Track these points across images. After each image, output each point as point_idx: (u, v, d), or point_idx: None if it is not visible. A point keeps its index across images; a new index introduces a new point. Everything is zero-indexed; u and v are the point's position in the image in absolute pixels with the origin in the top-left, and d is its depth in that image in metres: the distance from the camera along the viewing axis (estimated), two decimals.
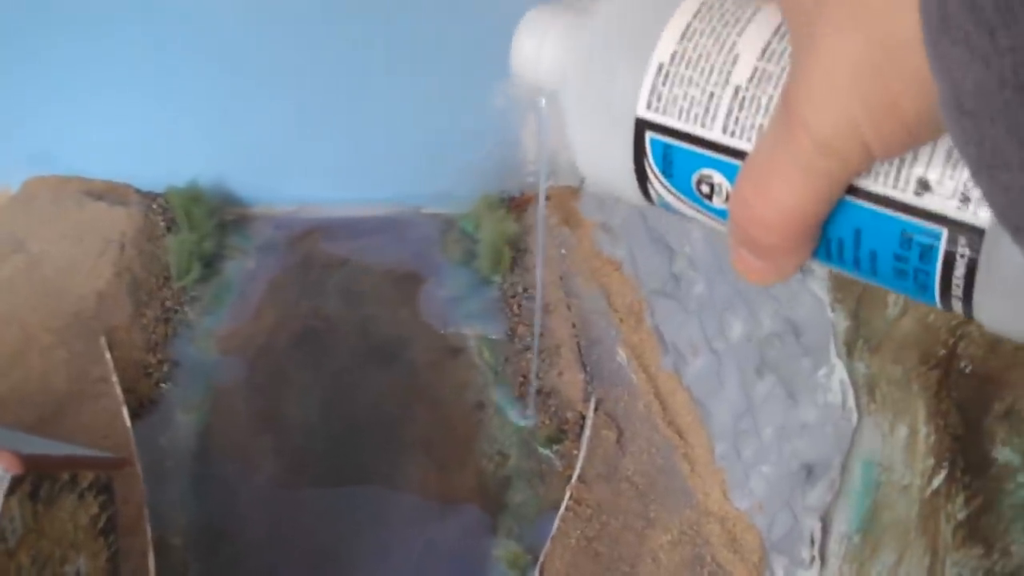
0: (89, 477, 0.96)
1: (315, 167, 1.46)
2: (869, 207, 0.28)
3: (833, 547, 0.99)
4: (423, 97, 1.36)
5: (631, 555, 1.10)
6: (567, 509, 1.14)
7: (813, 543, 0.99)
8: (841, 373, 0.98)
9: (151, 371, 1.27)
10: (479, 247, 1.42)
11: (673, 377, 1.21)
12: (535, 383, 1.26)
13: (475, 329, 1.36)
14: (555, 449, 1.23)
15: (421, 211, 1.51)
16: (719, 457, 1.13)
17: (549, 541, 1.12)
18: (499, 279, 1.41)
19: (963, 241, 0.27)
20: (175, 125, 1.35)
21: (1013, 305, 0.27)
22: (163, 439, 1.22)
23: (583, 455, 1.18)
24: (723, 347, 1.14)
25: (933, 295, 0.29)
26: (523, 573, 1.13)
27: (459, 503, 1.20)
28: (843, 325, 0.98)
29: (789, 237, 0.29)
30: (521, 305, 1.38)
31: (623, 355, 1.24)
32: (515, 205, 1.46)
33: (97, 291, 1.27)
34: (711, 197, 0.33)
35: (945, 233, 0.27)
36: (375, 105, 1.37)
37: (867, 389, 0.97)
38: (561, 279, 1.36)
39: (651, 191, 0.36)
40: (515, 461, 1.23)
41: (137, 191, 1.41)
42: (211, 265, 1.39)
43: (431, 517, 1.19)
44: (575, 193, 1.44)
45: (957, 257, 0.27)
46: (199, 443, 1.23)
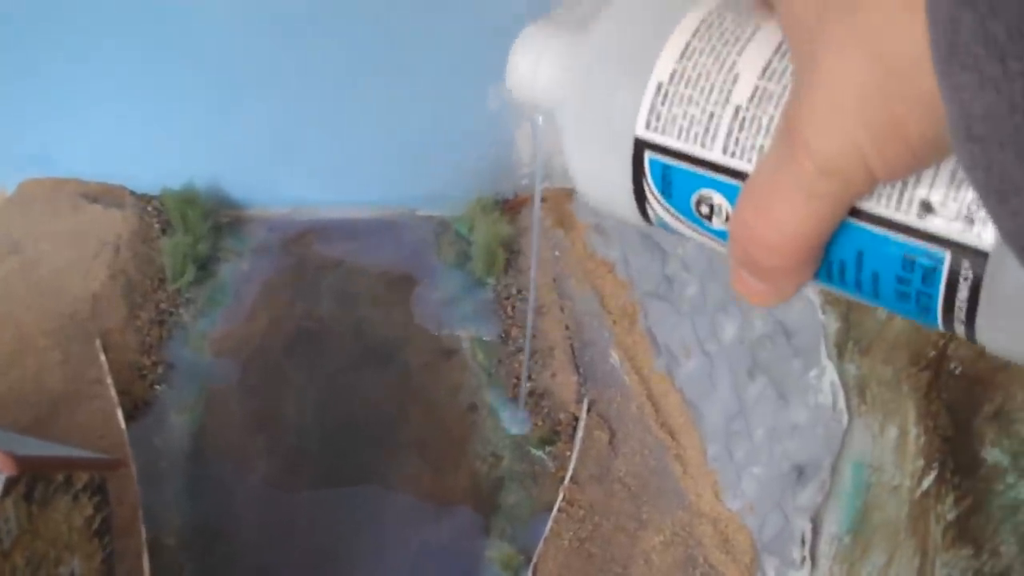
0: (84, 478, 0.97)
1: (309, 170, 1.46)
2: (871, 229, 0.28)
3: (824, 548, 1.00)
4: (417, 100, 1.37)
5: (624, 556, 1.11)
6: (560, 510, 1.15)
7: (804, 544, 1.00)
8: (832, 374, 0.98)
9: (145, 373, 1.27)
10: (473, 249, 1.43)
11: (666, 379, 1.22)
12: (526, 387, 1.26)
13: (469, 331, 1.37)
14: (548, 450, 1.23)
15: (415, 213, 1.51)
16: (711, 458, 1.14)
17: (542, 542, 1.12)
18: (493, 281, 1.41)
19: (967, 264, 0.26)
20: (170, 128, 1.35)
21: (1017, 328, 0.27)
22: (157, 440, 1.22)
23: (576, 456, 1.19)
24: (715, 349, 1.14)
25: (935, 318, 0.28)
26: (516, 574, 1.13)
27: (453, 504, 1.20)
28: (834, 327, 0.98)
29: (791, 259, 0.28)
30: (515, 307, 1.38)
31: (616, 357, 1.25)
32: (509, 207, 1.47)
33: (92, 293, 1.27)
34: (711, 218, 0.32)
35: (948, 256, 0.27)
36: (369, 108, 1.37)
37: (858, 390, 0.98)
38: (555, 281, 1.37)
39: (649, 211, 0.35)
40: (508, 462, 1.23)
41: (132, 193, 1.41)
42: (206, 267, 1.39)
43: (425, 518, 1.19)
44: (569, 195, 1.45)
45: (960, 280, 0.27)
46: (193, 444, 1.23)
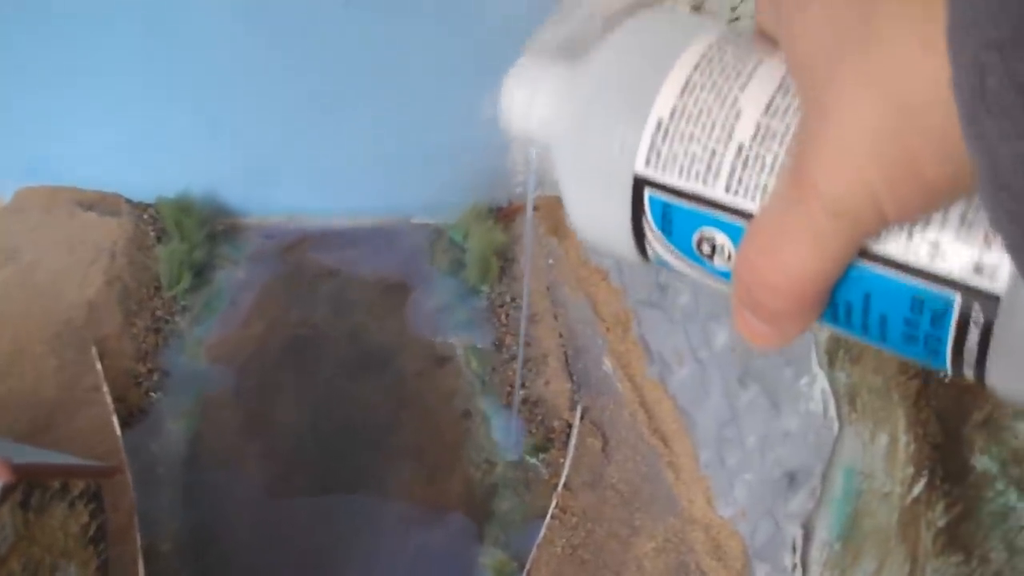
0: (80, 485, 0.97)
1: (305, 178, 1.46)
2: (879, 271, 0.27)
3: (815, 554, 1.00)
4: (412, 109, 1.37)
5: (616, 562, 1.11)
6: (553, 517, 1.15)
7: (795, 550, 1.00)
8: (823, 382, 0.99)
9: (141, 380, 1.28)
10: (467, 257, 1.43)
11: (658, 386, 1.22)
12: (519, 396, 1.27)
13: (463, 338, 1.37)
14: (541, 457, 1.24)
15: (410, 221, 1.51)
16: (703, 465, 1.14)
17: (535, 548, 1.13)
18: (487, 289, 1.42)
19: (977, 307, 0.26)
20: (166, 137, 1.36)
21: None
22: (153, 447, 1.22)
23: (569, 463, 1.19)
24: (707, 356, 1.15)
25: (944, 361, 0.28)
26: None
27: (447, 511, 1.21)
28: (825, 335, 0.99)
29: (797, 302, 0.28)
30: (509, 315, 1.39)
31: (609, 364, 1.25)
32: (503, 215, 1.48)
33: (88, 300, 1.28)
34: (712, 257, 0.32)
35: (958, 299, 0.26)
36: (364, 117, 1.38)
37: (848, 398, 0.98)
38: (548, 289, 1.37)
39: (648, 250, 0.34)
40: (502, 469, 1.24)
41: (128, 201, 1.42)
42: (201, 274, 1.40)
43: (419, 524, 1.20)
44: (562, 204, 1.45)
45: (971, 323, 0.26)
46: (189, 451, 1.23)
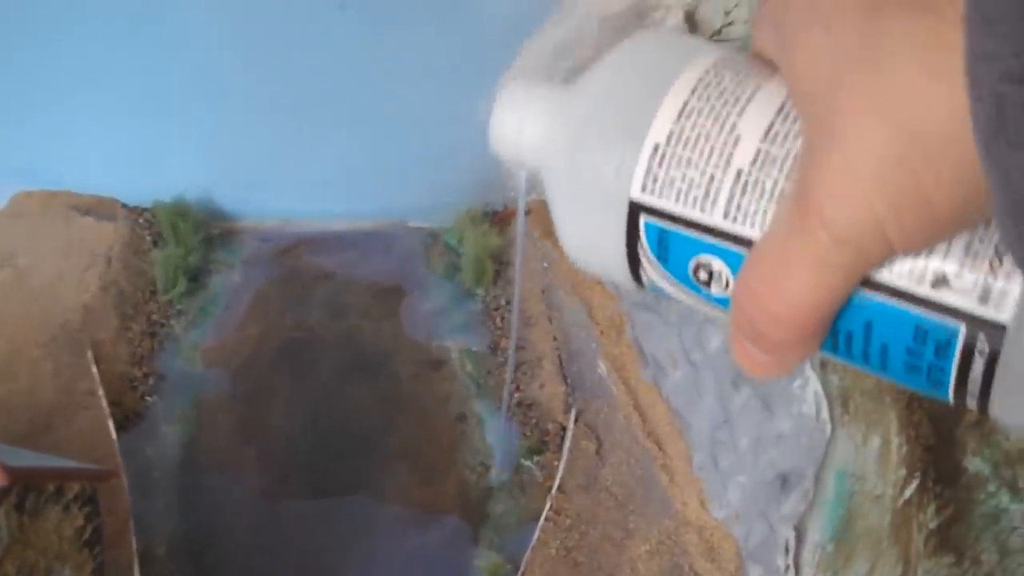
0: (75, 489, 0.98)
1: (301, 182, 1.47)
2: (881, 300, 0.27)
3: (807, 556, 1.01)
4: (408, 113, 1.38)
5: (610, 565, 1.12)
6: (547, 519, 1.16)
7: (788, 552, 1.01)
8: (815, 385, 0.99)
9: (137, 384, 1.28)
10: (463, 260, 1.44)
11: (652, 389, 1.22)
12: (508, 397, 1.27)
13: (458, 342, 1.38)
14: (536, 460, 1.24)
15: (406, 224, 1.52)
16: (697, 467, 1.15)
17: (529, 551, 1.13)
18: (482, 292, 1.43)
19: (983, 337, 0.26)
20: (161, 140, 1.36)
21: None
22: (149, 451, 1.23)
23: (563, 466, 1.20)
24: (701, 359, 1.15)
25: (947, 391, 0.28)
26: None
27: (441, 513, 1.21)
28: None
29: (798, 331, 0.28)
30: (504, 318, 1.39)
31: (603, 367, 1.26)
32: (498, 219, 1.48)
33: (84, 304, 1.28)
34: (709, 284, 0.31)
35: (963, 329, 0.26)
36: (360, 120, 1.38)
37: (841, 400, 0.99)
38: (543, 292, 1.38)
39: (643, 276, 0.34)
40: (496, 472, 1.24)
41: (124, 206, 1.42)
42: (197, 279, 1.40)
43: (414, 527, 1.20)
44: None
45: (976, 354, 0.26)
46: (184, 455, 1.24)
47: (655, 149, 0.31)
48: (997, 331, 0.25)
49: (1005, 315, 0.25)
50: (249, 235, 1.49)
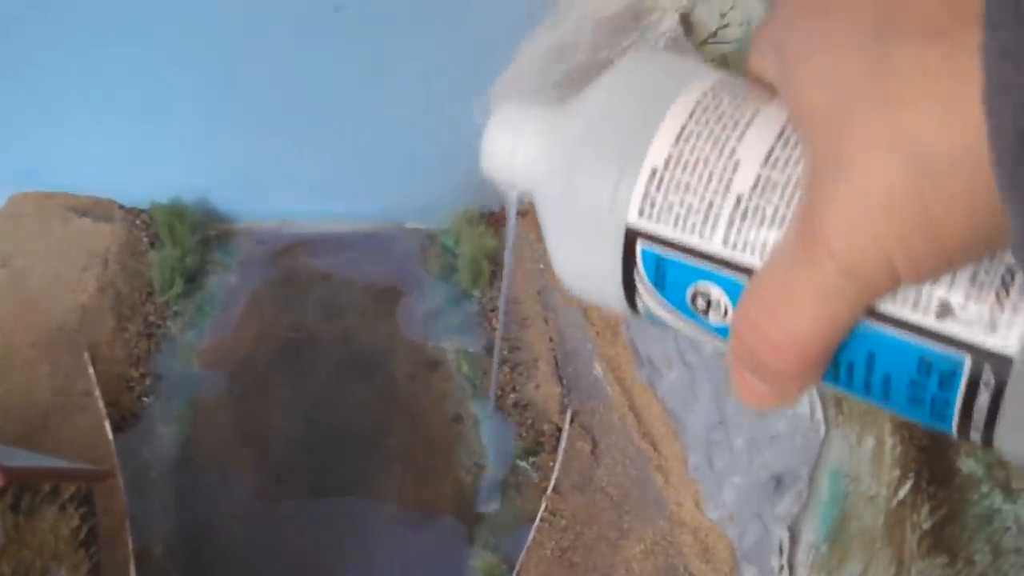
0: (70, 489, 0.98)
1: (298, 183, 1.47)
2: (884, 330, 0.27)
3: (801, 556, 1.01)
4: (404, 114, 1.38)
5: (605, 565, 1.12)
6: (542, 520, 1.16)
7: (782, 552, 1.01)
8: None
9: (133, 385, 1.28)
10: (459, 262, 1.44)
11: (648, 390, 1.23)
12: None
13: (454, 343, 1.38)
14: (531, 461, 1.25)
15: (403, 226, 1.52)
16: (692, 468, 1.15)
17: (524, 551, 1.13)
18: (478, 293, 1.43)
19: (988, 369, 0.25)
20: (159, 142, 1.36)
21: None
22: (145, 452, 1.23)
23: (558, 467, 1.20)
24: (696, 360, 1.16)
25: (950, 424, 0.27)
26: None
27: (437, 514, 1.22)
28: None
29: (800, 362, 0.27)
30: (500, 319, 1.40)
31: (599, 368, 1.26)
32: (494, 220, 1.48)
33: (81, 305, 1.28)
34: (707, 312, 0.31)
35: (968, 360, 0.25)
36: (357, 121, 1.39)
37: (835, 401, 0.99)
38: (539, 293, 1.38)
39: (639, 303, 0.33)
40: (492, 472, 1.25)
41: (121, 207, 1.42)
42: (194, 280, 1.40)
43: (410, 528, 1.20)
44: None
45: (981, 386, 0.25)
46: (181, 455, 1.24)
47: (653, 173, 0.30)
48: (1003, 363, 0.25)
49: (1012, 347, 0.25)
50: (246, 236, 1.49)
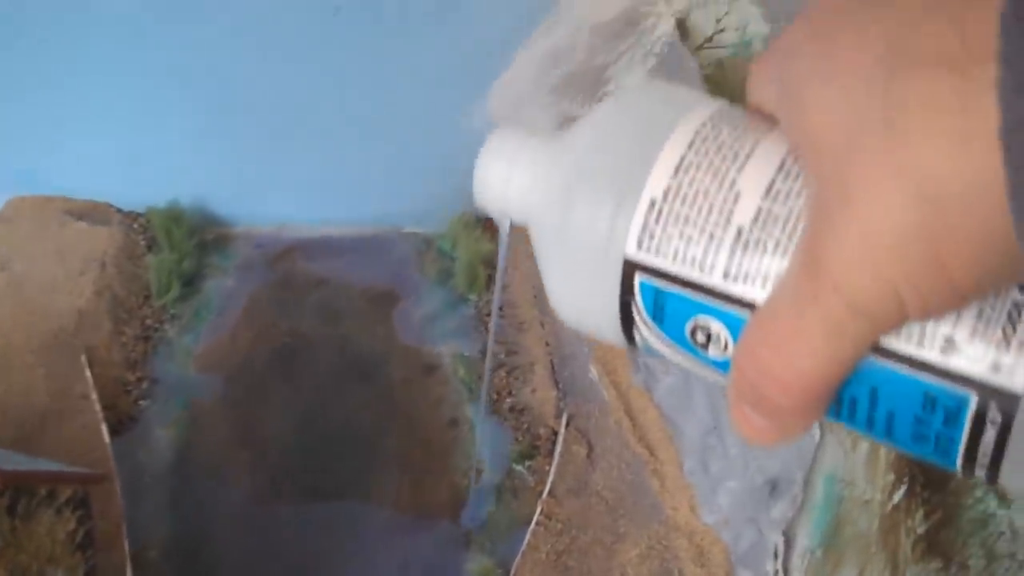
0: (67, 492, 0.98)
1: (295, 187, 1.47)
2: (888, 366, 0.26)
3: (796, 561, 1.01)
4: (401, 118, 1.38)
5: (600, 569, 1.12)
6: (538, 524, 1.16)
7: (777, 557, 1.01)
8: None
9: (130, 388, 1.29)
10: (456, 266, 1.44)
11: (644, 394, 1.23)
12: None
13: (451, 347, 1.38)
14: (527, 465, 1.25)
15: (400, 230, 1.52)
16: (687, 472, 1.15)
17: (520, 555, 1.13)
18: (475, 297, 1.43)
19: (994, 406, 0.25)
20: (156, 146, 1.36)
21: None
22: (142, 455, 1.23)
23: (554, 470, 1.20)
24: None
25: (954, 461, 0.27)
26: None
27: (433, 518, 1.22)
28: None
29: (803, 398, 0.27)
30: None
31: (595, 372, 1.26)
32: (491, 225, 1.48)
33: (78, 309, 1.29)
34: (707, 346, 0.30)
35: (974, 397, 0.25)
36: (354, 126, 1.39)
37: None
38: (535, 297, 1.38)
39: (637, 336, 0.33)
40: (488, 477, 1.25)
41: (118, 211, 1.43)
42: (191, 284, 1.41)
43: (406, 532, 1.20)
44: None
45: (987, 423, 0.25)
46: (177, 459, 1.24)
47: (651, 205, 0.30)
48: (1010, 400, 0.25)
49: (1019, 384, 0.25)
50: (243, 240, 1.49)
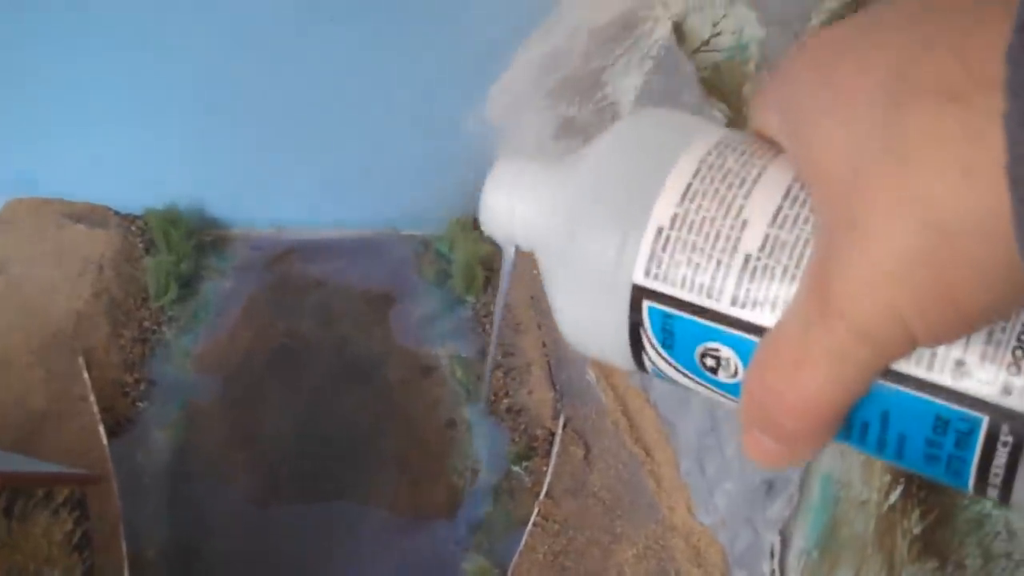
0: (64, 493, 0.98)
1: (292, 190, 1.47)
2: (899, 389, 0.26)
3: (792, 562, 1.01)
4: (399, 121, 1.39)
5: (597, 569, 1.12)
6: (535, 524, 1.16)
7: (773, 557, 1.01)
8: None
9: (128, 390, 1.29)
10: (453, 267, 1.44)
11: (640, 395, 1.23)
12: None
13: (448, 348, 1.38)
14: (524, 466, 1.25)
15: (397, 232, 1.53)
16: (684, 473, 1.15)
17: (517, 555, 1.14)
18: (472, 299, 1.43)
19: (1006, 428, 0.25)
20: (154, 149, 1.37)
21: None
22: (140, 456, 1.23)
23: (551, 471, 1.21)
24: None
25: (966, 482, 0.27)
26: None
27: (430, 518, 1.22)
28: None
29: (813, 423, 0.27)
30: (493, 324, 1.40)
31: (592, 373, 1.27)
32: None
33: (76, 311, 1.29)
34: (716, 371, 0.30)
35: (986, 419, 0.25)
36: (352, 129, 1.39)
37: None
38: (532, 299, 1.38)
39: (646, 361, 0.33)
40: (485, 477, 1.25)
41: (116, 213, 1.43)
42: (188, 285, 1.41)
43: (403, 532, 1.21)
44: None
45: (999, 445, 0.25)
46: (175, 460, 1.24)
47: (659, 233, 0.30)
48: (1022, 421, 0.25)
49: None
50: (241, 242, 1.49)
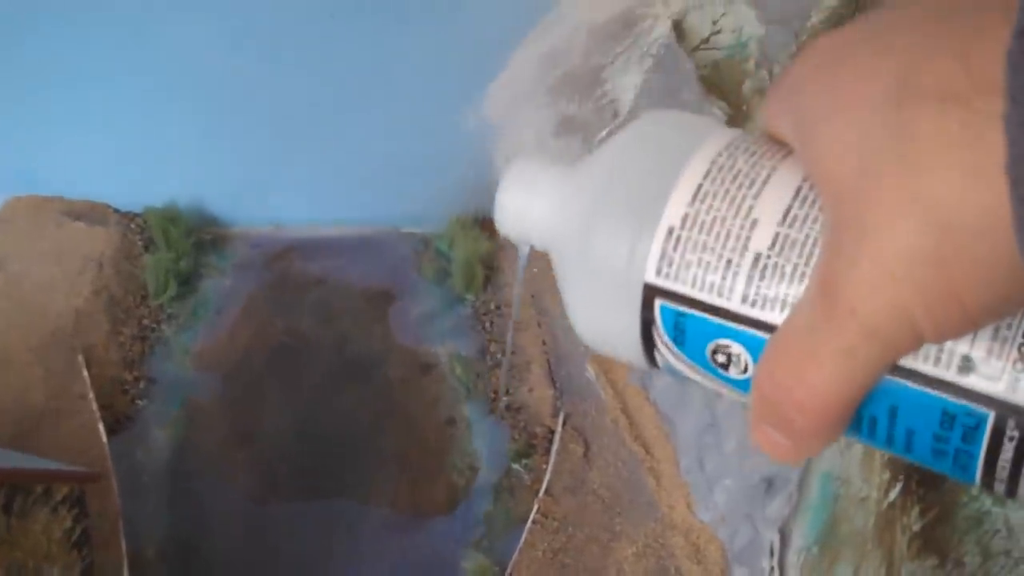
0: (63, 490, 0.98)
1: (292, 188, 1.47)
2: (907, 385, 0.27)
3: (792, 559, 1.01)
4: (398, 120, 1.38)
5: (597, 567, 1.12)
6: (534, 522, 1.16)
7: (773, 555, 1.02)
8: None
9: (127, 388, 1.29)
10: (453, 265, 1.44)
11: (640, 392, 1.23)
12: (504, 396, 1.28)
13: (448, 346, 1.38)
14: (524, 463, 1.25)
15: (397, 230, 1.53)
16: (684, 471, 1.16)
17: (517, 553, 1.14)
18: (472, 297, 1.43)
19: (1012, 423, 0.25)
20: (153, 146, 1.37)
21: None
22: (139, 454, 1.23)
23: (551, 469, 1.21)
24: None
25: (974, 476, 0.27)
26: None
27: (430, 516, 1.22)
28: None
29: (822, 419, 0.27)
30: (493, 323, 1.40)
31: (592, 371, 1.27)
32: (488, 224, 1.49)
33: (75, 309, 1.29)
34: (727, 367, 0.31)
35: (992, 414, 0.26)
36: (351, 127, 1.39)
37: None
38: (533, 297, 1.38)
39: (658, 358, 0.34)
40: (485, 475, 1.25)
41: (115, 211, 1.43)
42: (188, 283, 1.41)
43: (403, 530, 1.21)
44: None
45: (1005, 440, 0.26)
46: (175, 458, 1.24)
47: (670, 232, 0.31)
48: None
49: None
50: (240, 240, 1.49)
